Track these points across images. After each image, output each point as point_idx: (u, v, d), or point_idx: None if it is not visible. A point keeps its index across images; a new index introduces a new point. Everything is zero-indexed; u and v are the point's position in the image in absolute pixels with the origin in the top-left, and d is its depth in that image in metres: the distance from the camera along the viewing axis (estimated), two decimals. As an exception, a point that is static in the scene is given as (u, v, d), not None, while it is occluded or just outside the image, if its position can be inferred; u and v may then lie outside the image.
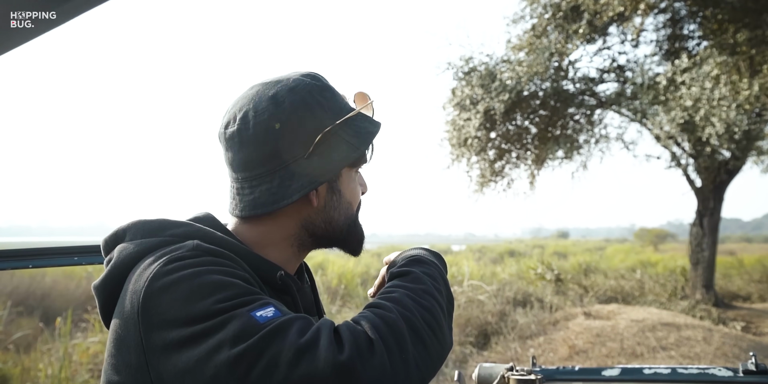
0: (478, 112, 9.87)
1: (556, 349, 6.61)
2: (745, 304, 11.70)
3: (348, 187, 0.96)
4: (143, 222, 0.91)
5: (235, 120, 0.91)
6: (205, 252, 0.82)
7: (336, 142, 0.90)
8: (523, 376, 1.36)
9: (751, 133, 8.81)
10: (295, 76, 0.94)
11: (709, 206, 10.51)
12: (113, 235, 0.92)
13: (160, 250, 0.84)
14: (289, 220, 0.94)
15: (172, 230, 0.89)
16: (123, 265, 0.85)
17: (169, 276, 0.76)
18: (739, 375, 1.60)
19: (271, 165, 0.89)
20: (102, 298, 0.88)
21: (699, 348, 6.25)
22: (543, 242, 45.05)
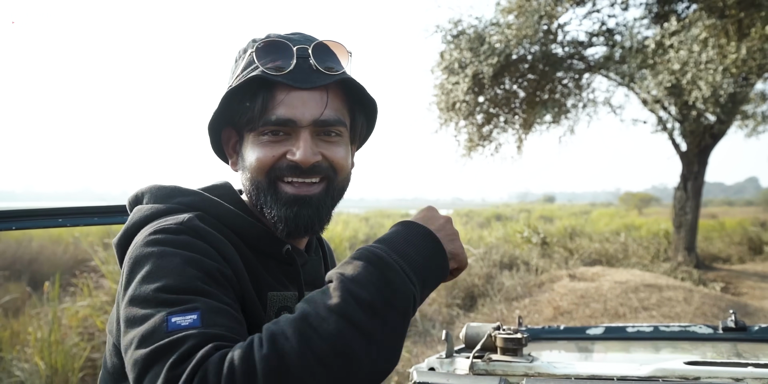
0: (466, 75, 9.78)
1: (542, 311, 6.77)
2: (725, 266, 12.00)
3: (248, 152, 0.92)
4: (158, 188, 0.97)
5: None
6: (190, 229, 0.85)
7: (220, 104, 0.93)
8: (509, 335, 1.39)
9: (736, 97, 8.84)
10: None
11: (693, 170, 10.62)
12: (134, 197, 0.99)
13: (162, 218, 0.89)
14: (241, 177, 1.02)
15: (180, 198, 0.94)
16: (133, 227, 0.91)
17: (145, 248, 0.82)
18: (719, 332, 1.65)
19: None
20: (119, 255, 0.93)
21: (679, 308, 6.42)
22: (529, 206, 45.50)
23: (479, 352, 1.42)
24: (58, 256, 8.34)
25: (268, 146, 0.89)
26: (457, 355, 1.49)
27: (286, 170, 0.89)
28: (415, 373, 1.30)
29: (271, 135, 0.89)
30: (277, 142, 0.89)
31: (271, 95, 0.87)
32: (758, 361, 1.18)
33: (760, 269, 11.48)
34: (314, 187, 0.91)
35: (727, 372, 1.12)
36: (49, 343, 4.67)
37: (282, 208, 0.90)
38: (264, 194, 0.91)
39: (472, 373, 1.37)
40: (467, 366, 1.38)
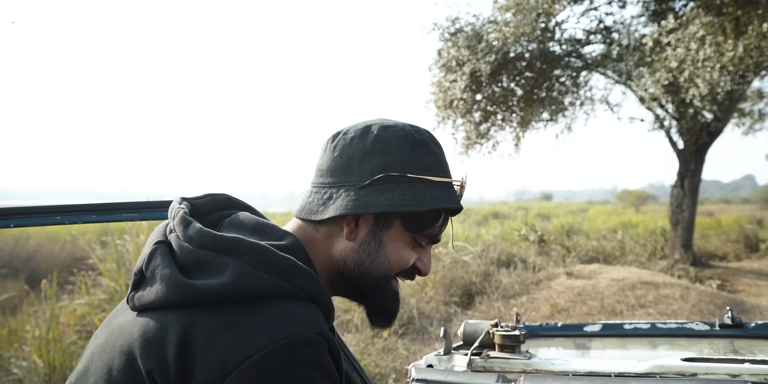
0: (464, 73, 9.78)
1: (539, 308, 6.78)
2: (722, 263, 12.04)
3: (394, 244, 0.92)
4: (273, 255, 0.80)
5: (341, 135, 0.95)
6: (328, 345, 0.78)
7: (393, 189, 0.89)
8: (507, 332, 1.39)
9: (734, 95, 8.85)
10: (414, 126, 0.96)
11: (690, 168, 10.65)
12: (232, 242, 0.80)
13: (280, 315, 0.76)
14: (329, 244, 0.93)
15: (298, 279, 0.80)
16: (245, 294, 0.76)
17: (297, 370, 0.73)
18: (716, 329, 1.66)
19: (331, 180, 0.92)
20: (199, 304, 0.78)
21: (676, 305, 6.45)
22: (527, 204, 45.55)
23: (477, 349, 1.43)
24: (56, 254, 8.32)
25: (414, 250, 0.95)
26: (455, 352, 1.49)
27: (407, 273, 0.96)
28: (413, 370, 1.30)
29: (420, 242, 0.95)
30: (417, 248, 0.96)
31: (446, 219, 0.95)
32: (754, 357, 1.19)
33: (756, 267, 11.52)
34: None
35: (723, 368, 1.13)
36: (47, 341, 4.67)
37: (391, 302, 0.96)
38: (379, 285, 0.94)
39: (470, 369, 1.37)
40: (465, 363, 1.38)
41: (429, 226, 0.92)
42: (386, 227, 0.91)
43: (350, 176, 0.90)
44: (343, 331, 6.33)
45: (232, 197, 1.01)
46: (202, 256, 0.79)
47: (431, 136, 0.95)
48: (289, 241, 0.87)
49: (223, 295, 0.75)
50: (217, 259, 0.78)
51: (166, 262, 0.80)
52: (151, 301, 0.79)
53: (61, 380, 4.59)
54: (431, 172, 0.91)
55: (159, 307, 0.78)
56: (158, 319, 0.77)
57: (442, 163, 0.94)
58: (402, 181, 0.89)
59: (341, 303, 6.77)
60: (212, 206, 0.97)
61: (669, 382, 1.01)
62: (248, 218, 0.92)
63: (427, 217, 0.91)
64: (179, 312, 0.76)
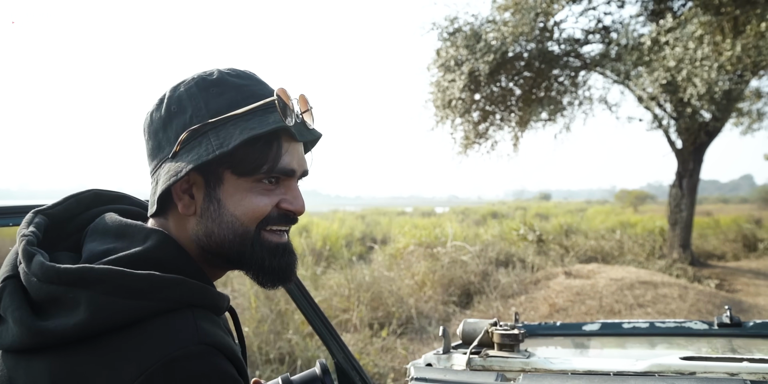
0: (462, 73, 9.78)
1: (537, 308, 6.79)
2: (720, 263, 12.06)
3: (233, 198, 0.82)
4: (129, 277, 0.72)
5: (144, 117, 0.87)
6: (211, 354, 0.71)
7: (200, 143, 0.80)
8: (506, 331, 1.39)
9: (731, 94, 8.86)
10: (208, 70, 0.86)
11: (688, 168, 10.66)
12: (78, 274, 0.72)
13: (147, 338, 0.70)
14: (181, 229, 0.85)
15: (167, 291, 0.74)
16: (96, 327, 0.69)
17: None
18: (714, 328, 1.66)
19: (152, 164, 0.85)
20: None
21: (674, 305, 6.45)
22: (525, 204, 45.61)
23: (476, 348, 1.43)
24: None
25: (265, 194, 0.84)
26: (453, 351, 1.49)
27: (277, 219, 0.86)
28: (413, 368, 1.30)
29: (267, 182, 0.84)
30: (270, 190, 0.85)
31: (280, 144, 0.84)
32: (752, 356, 1.19)
33: (754, 266, 11.53)
34: (285, 235, 0.90)
35: (722, 367, 1.13)
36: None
37: (272, 258, 0.86)
38: (250, 244, 0.84)
39: (469, 368, 1.37)
40: (464, 362, 1.38)
41: (261, 161, 0.81)
42: (218, 184, 0.82)
43: (162, 152, 0.83)
44: (342, 331, 6.33)
45: (101, 191, 0.93)
46: (52, 292, 0.72)
47: (230, 71, 0.85)
48: (156, 240, 0.80)
49: (82, 332, 0.69)
50: (68, 293, 0.71)
51: (17, 302, 0.73)
52: (10, 344, 0.73)
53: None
54: (239, 106, 0.81)
55: (19, 350, 0.73)
56: (24, 363, 0.72)
57: (254, 91, 0.83)
58: (207, 129, 0.80)
59: (339, 303, 6.78)
60: (76, 210, 0.89)
61: (667, 380, 1.01)
62: (112, 221, 0.84)
63: (251, 153, 0.80)
64: (43, 355, 0.71)
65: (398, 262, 9.40)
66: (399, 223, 17.45)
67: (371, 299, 6.85)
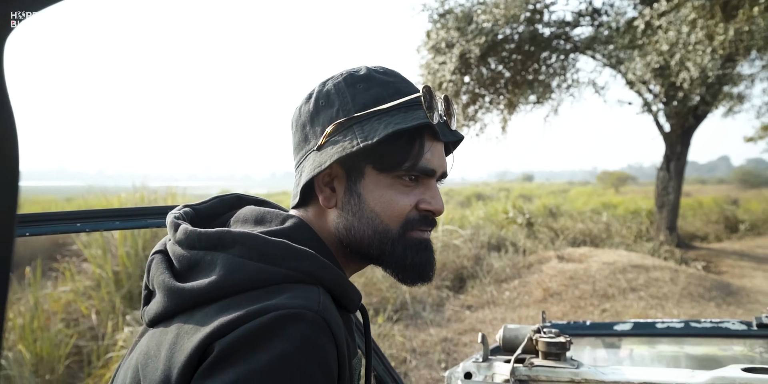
0: (453, 55, 9.65)
1: (531, 292, 6.81)
2: (704, 245, 12.25)
3: (374, 193, 0.82)
4: (262, 241, 0.74)
5: (294, 111, 0.90)
6: (327, 322, 0.68)
7: (345, 135, 0.80)
8: (551, 339, 1.34)
9: (723, 78, 8.88)
10: (355, 67, 0.87)
11: (676, 151, 10.72)
12: (215, 237, 0.75)
13: (272, 296, 0.68)
14: (322, 222, 0.86)
15: (294, 262, 0.73)
16: (231, 288, 0.70)
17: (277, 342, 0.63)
18: (753, 328, 1.62)
19: (298, 156, 0.87)
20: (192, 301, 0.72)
21: (666, 288, 6.52)
22: (509, 185, 45.84)
23: (519, 356, 1.37)
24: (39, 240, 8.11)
25: (405, 192, 0.83)
26: (493, 358, 1.43)
27: (419, 222, 0.84)
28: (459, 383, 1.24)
29: (407, 180, 0.83)
30: (410, 188, 0.84)
31: (423, 142, 0.83)
32: (819, 367, 1.14)
33: (737, 248, 11.74)
34: (428, 232, 0.88)
35: (790, 380, 1.08)
36: (32, 329, 4.55)
37: (414, 254, 0.84)
38: (391, 243, 0.83)
39: (514, 378, 1.31)
40: (508, 371, 1.33)
41: (403, 157, 0.81)
42: (359, 178, 0.82)
43: (308, 144, 0.85)
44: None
45: (243, 195, 0.95)
46: (193, 257, 0.75)
47: (377, 68, 0.86)
48: (292, 222, 0.82)
49: (214, 292, 0.70)
50: (207, 256, 0.74)
51: (161, 269, 0.78)
52: (155, 313, 0.76)
53: (49, 371, 4.49)
54: (385, 101, 0.81)
55: (163, 317, 0.75)
56: (162, 329, 0.73)
57: (399, 88, 0.83)
58: (352, 123, 0.80)
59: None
60: (220, 208, 0.91)
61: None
62: (252, 211, 0.86)
63: (393, 148, 0.80)
64: (179, 319, 0.72)
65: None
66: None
67: (365, 284, 6.82)
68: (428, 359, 5.09)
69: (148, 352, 0.72)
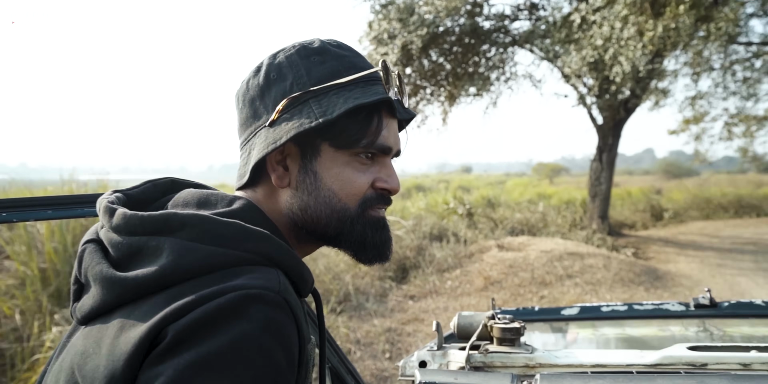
0: (395, 46, 9.65)
1: (473, 281, 6.93)
2: (632, 232, 12.86)
3: (331, 171, 0.79)
4: (214, 222, 0.69)
5: (239, 85, 0.85)
6: (283, 311, 0.64)
7: (301, 111, 0.76)
8: (506, 325, 1.34)
9: (651, 73, 9.29)
10: (308, 39, 0.84)
11: (608, 143, 11.17)
12: (161, 220, 0.69)
13: (229, 279, 0.64)
14: (273, 202, 0.82)
15: (250, 243, 0.69)
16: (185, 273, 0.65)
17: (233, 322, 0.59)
18: (691, 309, 1.69)
19: (246, 133, 0.82)
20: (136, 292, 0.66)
21: (600, 274, 6.79)
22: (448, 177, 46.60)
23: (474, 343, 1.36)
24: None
25: (362, 170, 0.81)
26: (447, 346, 1.42)
27: (376, 200, 0.82)
28: (417, 372, 1.22)
29: (364, 157, 0.80)
30: (366, 166, 0.81)
31: (381, 118, 0.80)
32: (758, 344, 1.19)
33: (662, 234, 12.40)
34: (383, 210, 0.86)
35: (733, 357, 1.13)
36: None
37: (374, 233, 0.82)
38: (351, 222, 0.81)
39: (469, 365, 1.31)
40: (463, 358, 1.32)
41: (362, 133, 0.78)
42: (315, 156, 0.79)
43: (258, 120, 0.79)
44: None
45: (178, 179, 0.88)
46: (135, 244, 0.69)
47: (331, 41, 0.83)
48: (241, 204, 0.77)
49: (162, 279, 0.64)
50: (150, 242, 0.68)
51: (96, 259, 0.70)
52: (90, 308, 0.68)
53: (-30, 376, 4.20)
54: (342, 75, 0.78)
55: (101, 312, 0.68)
56: (100, 326, 0.66)
57: (355, 63, 0.80)
58: (308, 97, 0.76)
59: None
60: (154, 193, 0.85)
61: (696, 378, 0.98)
62: (193, 193, 0.80)
63: (352, 125, 0.77)
64: (121, 312, 0.65)
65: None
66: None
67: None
68: (372, 350, 5.09)
69: (86, 351, 0.65)
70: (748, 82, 12.62)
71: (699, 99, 13.34)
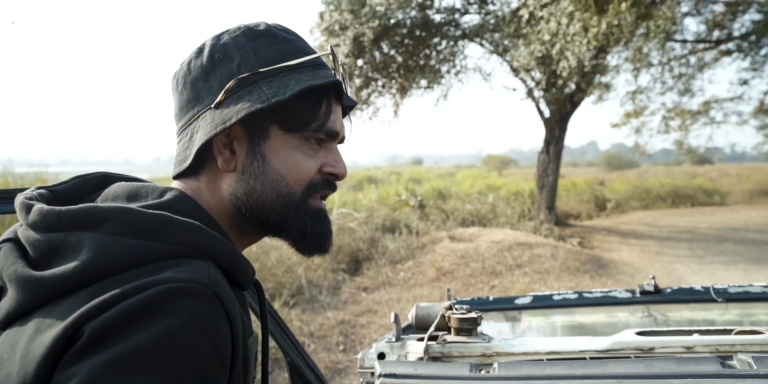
0: (347, 38, 9.59)
1: (425, 272, 7.02)
2: (578, 222, 13.29)
3: (279, 155, 0.78)
4: (138, 215, 0.66)
5: (178, 67, 0.82)
6: (211, 304, 0.61)
7: (250, 92, 0.75)
8: (464, 315, 1.36)
9: (596, 68, 9.59)
10: (253, 22, 0.83)
11: (555, 135, 11.47)
12: (80, 215, 0.65)
13: (154, 273, 0.61)
14: (216, 189, 0.79)
15: (178, 235, 0.66)
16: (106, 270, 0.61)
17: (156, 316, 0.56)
18: (637, 296, 1.77)
19: (187, 116, 0.79)
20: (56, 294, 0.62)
21: (548, 264, 6.99)
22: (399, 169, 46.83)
23: (432, 334, 1.38)
24: None
25: (310, 155, 0.80)
26: (405, 338, 1.44)
27: (323, 184, 0.82)
28: (377, 364, 1.23)
29: (313, 142, 0.80)
30: (315, 151, 0.81)
31: (329, 102, 0.80)
32: (699, 328, 1.26)
33: (606, 224, 12.86)
34: (324, 201, 0.85)
35: (678, 341, 1.18)
36: None
37: (315, 223, 0.82)
38: (294, 208, 0.79)
39: (427, 356, 1.33)
40: (421, 349, 1.33)
41: (312, 116, 0.78)
42: (264, 138, 0.77)
43: (202, 102, 0.77)
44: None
45: (110, 174, 0.83)
46: (53, 241, 0.65)
47: (276, 25, 0.82)
48: (172, 195, 0.73)
49: (81, 276, 0.61)
50: (69, 238, 0.64)
51: (12, 259, 0.66)
52: (7, 311, 0.64)
53: None
54: (290, 58, 0.77)
55: (18, 315, 0.64)
56: (17, 329, 0.62)
57: (302, 47, 0.80)
58: (257, 78, 0.75)
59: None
60: (84, 189, 0.80)
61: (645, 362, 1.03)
62: (123, 186, 0.76)
63: (302, 107, 0.77)
64: (38, 313, 0.62)
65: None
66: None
67: (259, 270, 6.66)
68: (326, 342, 5.09)
69: (0, 357, 0.60)
70: (683, 77, 13.21)
71: (639, 93, 13.86)
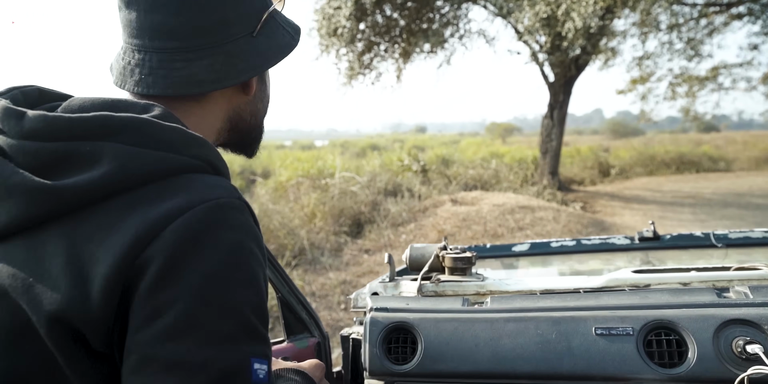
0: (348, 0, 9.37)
1: (427, 234, 7.03)
2: (581, 188, 13.26)
3: (268, 81, 0.87)
4: (157, 127, 0.64)
5: None
6: (249, 214, 0.66)
7: (276, 27, 0.80)
8: (458, 254, 1.34)
9: (603, 30, 9.37)
10: None
11: (559, 100, 11.32)
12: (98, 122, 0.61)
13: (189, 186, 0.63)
14: (218, 109, 0.79)
15: (198, 149, 0.67)
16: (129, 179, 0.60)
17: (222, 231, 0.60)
18: (636, 242, 1.75)
19: (218, 37, 0.73)
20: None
21: (550, 226, 6.99)
22: (402, 137, 46.57)
23: (426, 274, 1.37)
24: None
25: None
26: (399, 278, 1.43)
27: None
28: (369, 299, 1.22)
29: None
30: None
31: None
32: (697, 265, 1.24)
33: (609, 190, 12.83)
34: None
35: (674, 277, 1.17)
36: None
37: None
38: (262, 125, 0.90)
39: (421, 295, 1.31)
40: (415, 288, 1.32)
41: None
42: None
43: (231, 25, 0.74)
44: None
45: (45, 89, 0.74)
46: (60, 149, 0.60)
47: None
48: (158, 111, 0.68)
49: (108, 187, 0.59)
50: (83, 147, 0.60)
51: (9, 169, 0.60)
52: (6, 224, 0.59)
53: None
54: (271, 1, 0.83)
55: (20, 227, 0.60)
56: (27, 242, 0.59)
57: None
58: (276, 16, 0.81)
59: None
60: (25, 102, 0.70)
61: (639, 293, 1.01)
62: (89, 99, 0.68)
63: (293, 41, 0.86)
64: (57, 225, 0.59)
65: (285, 194, 9.24)
66: (279, 156, 17.09)
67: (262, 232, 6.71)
68: (328, 301, 5.14)
69: (16, 274, 0.57)
70: (692, 42, 12.91)
71: (646, 59, 13.58)
